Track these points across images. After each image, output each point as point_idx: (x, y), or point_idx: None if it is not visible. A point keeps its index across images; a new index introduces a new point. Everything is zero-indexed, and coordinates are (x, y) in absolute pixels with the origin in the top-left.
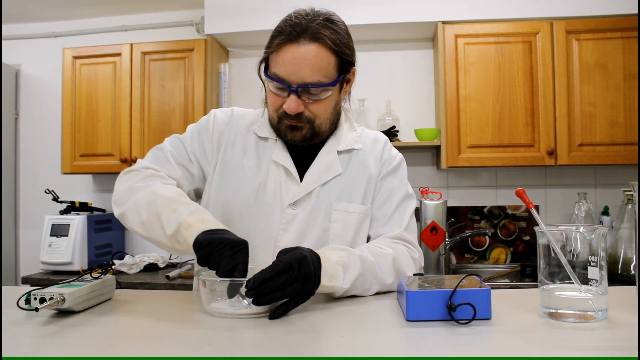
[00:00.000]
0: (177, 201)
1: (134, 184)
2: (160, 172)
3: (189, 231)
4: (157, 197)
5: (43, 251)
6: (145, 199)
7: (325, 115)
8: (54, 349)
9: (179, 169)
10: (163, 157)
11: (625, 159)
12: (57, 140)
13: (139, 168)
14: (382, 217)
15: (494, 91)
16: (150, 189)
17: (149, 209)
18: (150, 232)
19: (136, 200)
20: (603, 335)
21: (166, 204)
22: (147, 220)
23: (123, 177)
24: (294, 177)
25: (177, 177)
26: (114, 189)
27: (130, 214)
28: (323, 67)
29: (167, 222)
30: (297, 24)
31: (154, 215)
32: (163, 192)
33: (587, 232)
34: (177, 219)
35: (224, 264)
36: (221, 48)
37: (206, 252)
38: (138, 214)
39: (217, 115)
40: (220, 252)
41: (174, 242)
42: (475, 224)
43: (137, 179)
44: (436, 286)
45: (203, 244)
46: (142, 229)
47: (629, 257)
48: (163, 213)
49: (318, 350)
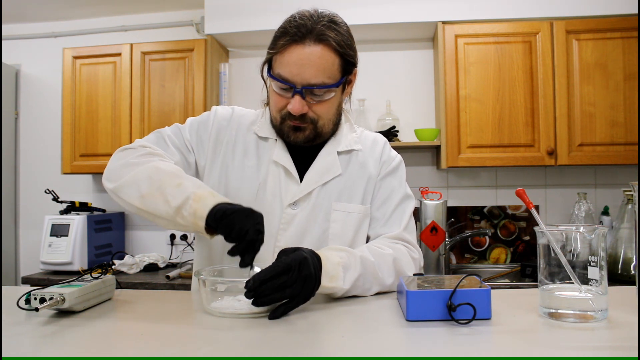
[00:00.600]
0: (181, 177)
1: (131, 160)
2: (158, 151)
3: (199, 203)
4: (159, 171)
5: (43, 251)
6: (145, 173)
7: (328, 116)
8: (54, 349)
9: (177, 152)
10: (162, 140)
11: (625, 159)
12: (57, 140)
13: (136, 146)
14: (381, 218)
15: (494, 91)
16: (150, 164)
17: (150, 183)
18: (149, 206)
19: (135, 174)
20: (603, 335)
21: (170, 178)
22: (148, 193)
23: (119, 153)
24: (294, 177)
25: (175, 160)
26: (107, 165)
27: (128, 187)
28: (327, 68)
29: (171, 195)
30: (302, 25)
31: (156, 189)
32: (165, 167)
33: (587, 232)
34: (185, 192)
35: (251, 233)
36: (221, 48)
37: (231, 220)
38: (137, 188)
39: (218, 111)
40: (245, 220)
41: (176, 216)
42: (475, 224)
43: (133, 155)
44: (436, 286)
45: (227, 213)
46: (140, 202)
47: (629, 257)
48: (167, 187)
49: (318, 350)
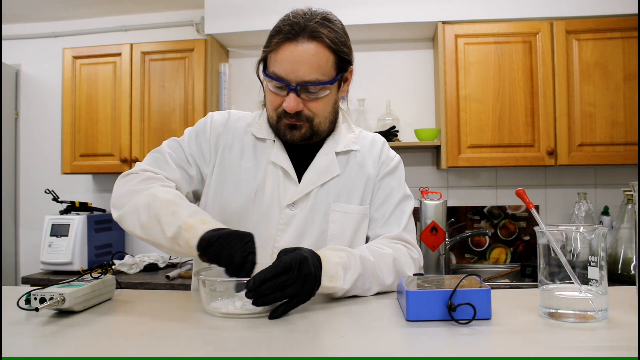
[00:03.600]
0: (176, 204)
1: (132, 187)
2: (158, 175)
3: (190, 233)
4: (156, 199)
5: (43, 251)
6: (144, 202)
7: (324, 114)
8: (54, 349)
9: (177, 170)
10: (162, 159)
11: (625, 159)
12: (57, 141)
13: (137, 171)
14: (380, 218)
15: (494, 91)
16: (149, 191)
17: (148, 212)
18: (149, 235)
19: (135, 203)
20: (603, 335)
21: (165, 206)
22: (147, 223)
23: (121, 180)
24: (292, 178)
25: (176, 178)
26: (112, 192)
27: (129, 216)
28: (321, 65)
29: (167, 224)
30: (295, 23)
31: (154, 218)
32: (162, 194)
33: (587, 232)
34: (177, 221)
35: (237, 257)
36: (221, 48)
37: (217, 247)
38: (137, 217)
39: (214, 117)
40: (231, 245)
41: (173, 245)
42: (475, 224)
43: (135, 181)
44: (436, 286)
45: (211, 241)
46: (141, 231)
47: (629, 257)
48: (163, 215)
49: (318, 350)
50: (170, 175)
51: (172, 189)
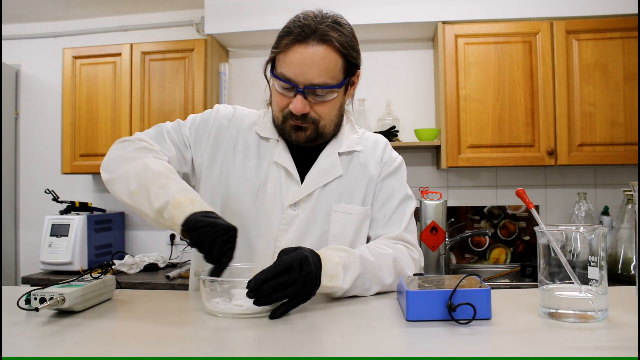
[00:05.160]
0: (167, 177)
1: (126, 153)
2: (154, 146)
3: (177, 210)
4: (147, 169)
5: (43, 251)
6: (135, 170)
7: (329, 117)
8: (54, 349)
9: (173, 148)
10: (161, 135)
11: (625, 159)
12: (57, 140)
13: (134, 139)
14: (382, 218)
15: (494, 91)
16: (142, 160)
17: (138, 180)
18: (136, 203)
19: (127, 169)
20: (603, 335)
21: (156, 178)
22: (135, 191)
23: (117, 144)
24: (295, 178)
25: (171, 155)
26: (106, 154)
27: (119, 182)
28: (330, 69)
29: (154, 196)
30: (306, 25)
31: (143, 187)
32: (154, 165)
33: (587, 232)
34: (166, 195)
35: (216, 249)
36: (221, 48)
37: (199, 234)
38: (127, 183)
39: (220, 110)
40: (213, 237)
41: (158, 217)
42: (475, 224)
43: (130, 149)
44: (436, 286)
45: (197, 226)
46: (128, 198)
47: (629, 257)
48: (152, 187)
49: (318, 350)
50: (166, 150)
51: (164, 162)
